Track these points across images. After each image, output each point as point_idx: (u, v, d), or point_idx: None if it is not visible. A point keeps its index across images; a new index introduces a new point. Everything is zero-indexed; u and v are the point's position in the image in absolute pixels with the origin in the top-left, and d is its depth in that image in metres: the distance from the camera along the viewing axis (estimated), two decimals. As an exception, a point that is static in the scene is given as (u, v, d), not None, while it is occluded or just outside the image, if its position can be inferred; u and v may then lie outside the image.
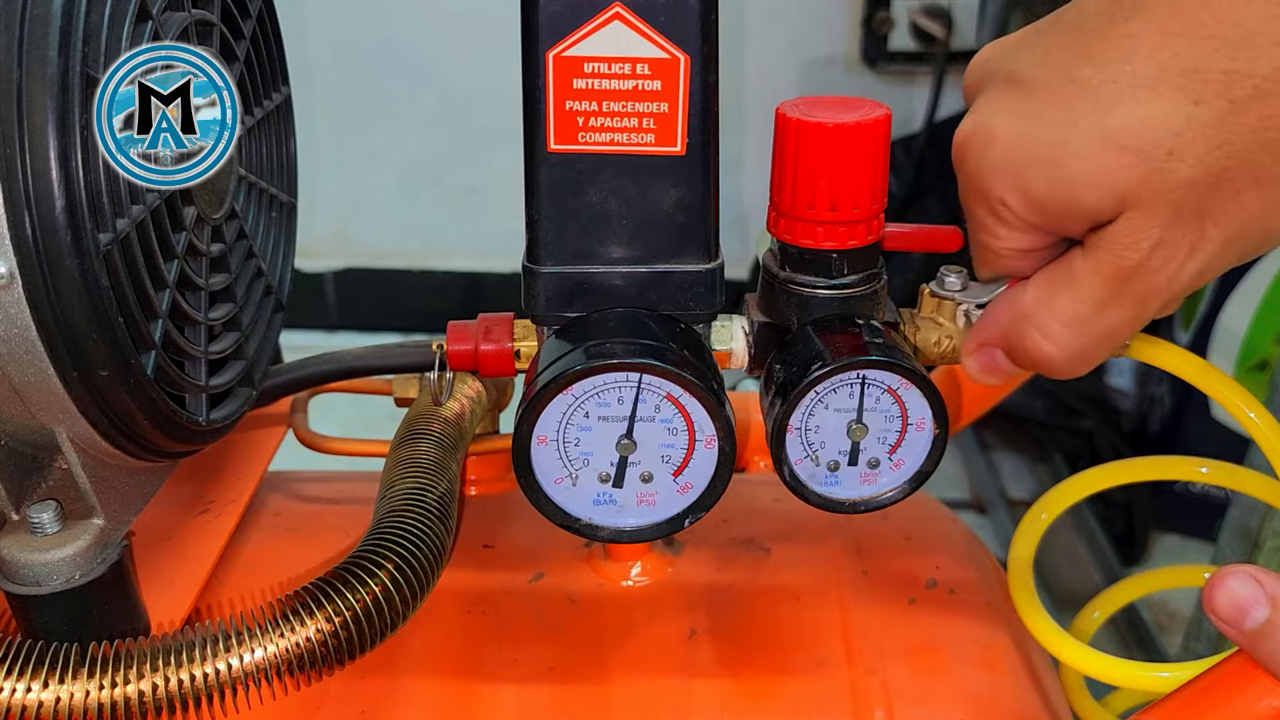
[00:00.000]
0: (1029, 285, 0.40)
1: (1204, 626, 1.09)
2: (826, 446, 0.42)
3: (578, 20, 0.38)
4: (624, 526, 0.42)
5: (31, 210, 0.35)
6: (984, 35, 1.85)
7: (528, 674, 0.48)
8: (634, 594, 0.52)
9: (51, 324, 0.37)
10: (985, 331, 0.42)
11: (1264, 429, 0.44)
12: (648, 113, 0.39)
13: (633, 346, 0.40)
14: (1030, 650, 0.51)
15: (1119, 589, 0.59)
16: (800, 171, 0.40)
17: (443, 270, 2.22)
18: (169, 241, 0.42)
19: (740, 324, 0.44)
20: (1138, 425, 1.57)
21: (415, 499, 0.46)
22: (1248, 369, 1.38)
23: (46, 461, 0.43)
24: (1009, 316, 0.40)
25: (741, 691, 0.47)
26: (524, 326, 0.45)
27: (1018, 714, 0.48)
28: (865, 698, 0.46)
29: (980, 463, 1.65)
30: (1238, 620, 0.36)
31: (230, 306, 0.48)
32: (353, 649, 0.41)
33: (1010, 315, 0.40)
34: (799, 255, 0.42)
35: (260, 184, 0.53)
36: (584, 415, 0.40)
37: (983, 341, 0.42)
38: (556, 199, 0.41)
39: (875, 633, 0.50)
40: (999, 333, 0.41)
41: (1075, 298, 0.38)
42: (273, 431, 0.60)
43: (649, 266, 0.42)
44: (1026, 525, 0.52)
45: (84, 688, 0.38)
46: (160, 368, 0.41)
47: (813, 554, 0.54)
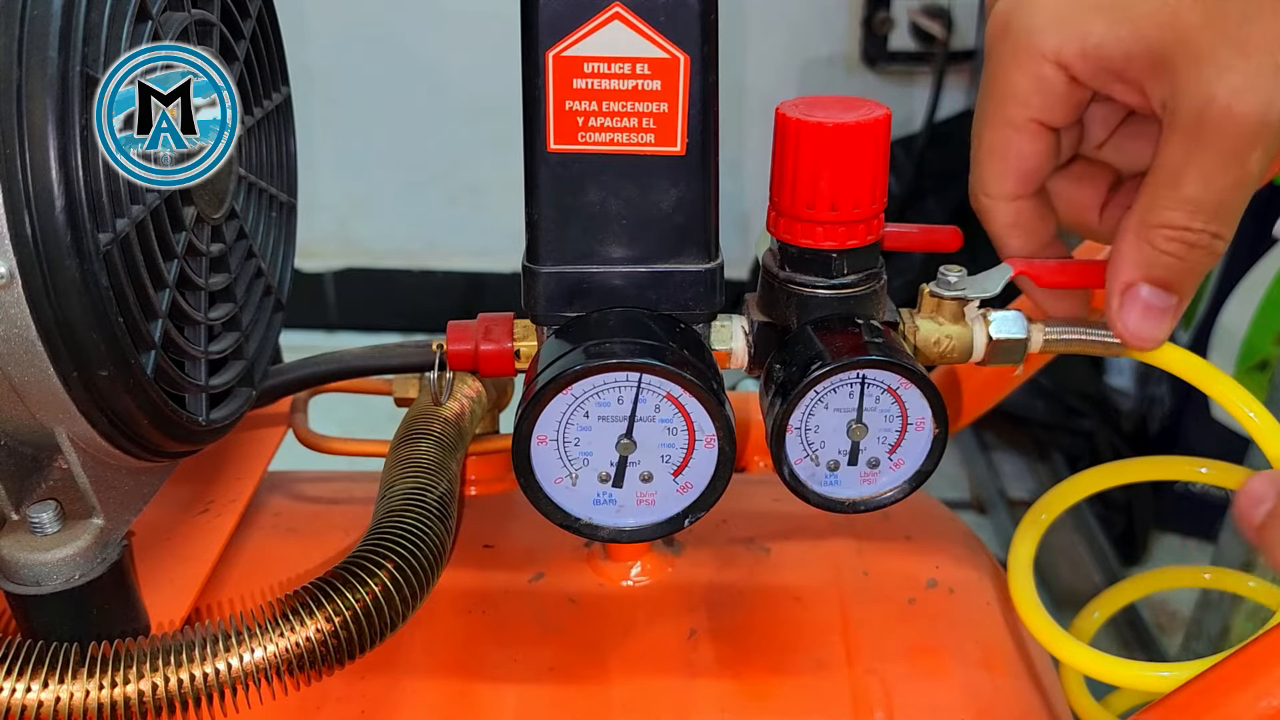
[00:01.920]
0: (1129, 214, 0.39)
1: (1204, 626, 1.09)
2: (826, 446, 0.42)
3: (577, 20, 0.38)
4: (624, 526, 0.42)
5: (31, 210, 0.35)
6: (983, 35, 1.85)
7: (528, 674, 0.48)
8: (634, 594, 0.52)
9: (51, 324, 0.37)
10: (1120, 274, 0.40)
11: (1264, 429, 0.44)
12: (647, 113, 0.39)
13: (633, 346, 0.40)
14: (1030, 650, 0.51)
15: (1119, 589, 0.59)
16: (800, 171, 0.40)
17: (443, 270, 2.22)
18: (169, 241, 0.42)
19: (740, 324, 0.44)
20: (1138, 425, 1.57)
21: (415, 499, 0.46)
22: (1248, 369, 1.38)
23: (46, 461, 0.43)
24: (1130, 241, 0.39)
25: (741, 691, 0.47)
26: (524, 326, 0.45)
27: (1018, 714, 0.48)
28: (865, 698, 0.46)
29: (980, 463, 1.65)
30: (1250, 513, 0.36)
31: (230, 306, 0.48)
32: (353, 649, 0.41)
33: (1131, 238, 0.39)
34: (799, 255, 0.42)
35: (260, 184, 0.53)
36: (584, 415, 0.40)
37: (1125, 283, 0.40)
38: (556, 199, 0.41)
39: (875, 633, 0.50)
40: (1133, 260, 0.39)
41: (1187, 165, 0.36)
42: (273, 431, 0.60)
43: (649, 266, 0.42)
44: (1026, 525, 0.52)
45: (84, 688, 0.38)
46: (160, 368, 0.41)
47: (813, 554, 0.54)
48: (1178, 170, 0.37)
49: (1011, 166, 0.42)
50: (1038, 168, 0.42)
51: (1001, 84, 0.40)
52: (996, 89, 0.41)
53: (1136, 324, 0.40)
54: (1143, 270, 0.39)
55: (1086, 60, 0.38)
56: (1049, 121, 0.41)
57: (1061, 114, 0.41)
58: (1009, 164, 0.42)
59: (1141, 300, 0.40)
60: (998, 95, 0.41)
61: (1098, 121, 0.44)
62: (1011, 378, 0.61)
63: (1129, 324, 0.40)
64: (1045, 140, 0.42)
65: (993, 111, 0.41)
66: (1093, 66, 0.38)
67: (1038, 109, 0.40)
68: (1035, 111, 0.40)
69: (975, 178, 0.43)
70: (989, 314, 0.45)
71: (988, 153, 0.42)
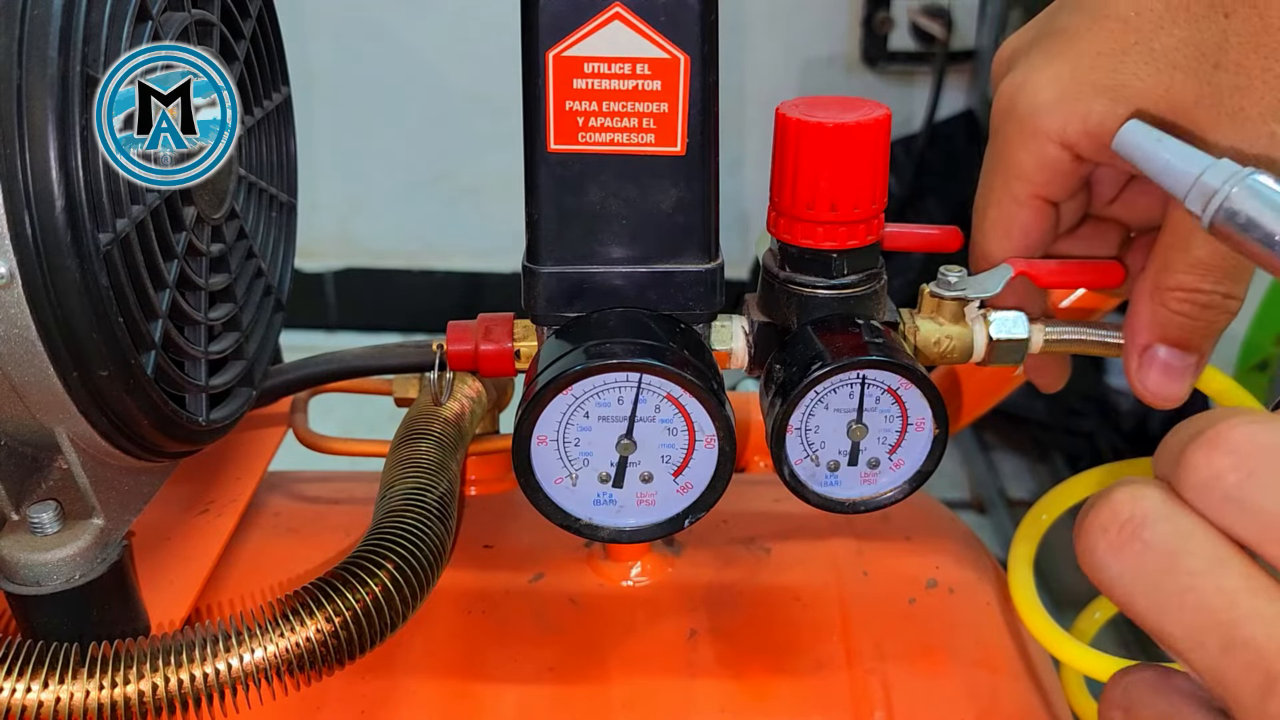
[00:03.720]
0: (1143, 276, 0.40)
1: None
2: (826, 446, 0.42)
3: (578, 20, 0.38)
4: (624, 526, 0.42)
5: (31, 210, 0.35)
6: (984, 35, 1.86)
7: (528, 674, 0.48)
8: (634, 594, 0.52)
9: (51, 324, 0.37)
10: (1137, 336, 0.41)
11: (1264, 429, 0.44)
12: (648, 113, 0.39)
13: (633, 346, 0.40)
14: (1030, 650, 0.51)
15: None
16: (800, 171, 0.40)
17: (443, 270, 2.23)
18: (169, 241, 0.42)
19: (740, 324, 0.44)
20: (1138, 425, 1.57)
21: (415, 499, 0.46)
22: (1248, 369, 1.39)
23: (46, 461, 0.43)
24: (1145, 303, 0.40)
25: (741, 691, 0.47)
26: (524, 326, 0.45)
27: (1018, 714, 0.48)
28: (865, 698, 0.46)
29: (980, 463, 1.65)
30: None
31: (230, 306, 0.48)
32: (353, 649, 0.41)
33: (1146, 300, 0.39)
34: (799, 255, 0.42)
35: (260, 184, 0.53)
36: (584, 415, 0.40)
37: (1143, 345, 0.41)
38: (556, 199, 0.41)
39: (875, 633, 0.50)
40: (1148, 322, 0.40)
41: (1195, 229, 0.36)
42: (273, 431, 0.60)
43: (649, 267, 0.42)
44: (1027, 525, 0.52)
45: (84, 688, 0.38)
46: (160, 368, 0.41)
47: (813, 554, 0.54)
48: (1187, 234, 0.38)
49: (1016, 240, 0.43)
50: (1040, 240, 0.44)
51: (1006, 161, 0.42)
52: (1001, 166, 0.42)
53: (1157, 384, 0.41)
54: (1159, 331, 0.40)
55: (1090, 139, 0.39)
56: (1052, 197, 0.42)
57: (1064, 189, 0.42)
58: (1013, 238, 0.43)
59: (1159, 361, 0.41)
60: (1003, 172, 0.42)
61: (1106, 181, 0.45)
62: (1011, 378, 0.61)
63: (1149, 384, 0.41)
64: (1048, 215, 0.43)
65: (999, 187, 0.42)
66: (1095, 144, 0.39)
67: (1042, 185, 0.41)
68: (1039, 188, 0.41)
69: (977, 244, 0.45)
70: (989, 314, 0.45)
71: (991, 226, 0.43)
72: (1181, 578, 0.25)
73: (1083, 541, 0.27)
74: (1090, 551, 0.27)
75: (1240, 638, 0.24)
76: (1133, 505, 0.26)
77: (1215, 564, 0.25)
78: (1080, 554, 0.27)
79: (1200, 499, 0.25)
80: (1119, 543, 0.26)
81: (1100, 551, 0.26)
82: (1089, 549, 0.27)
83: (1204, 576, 0.25)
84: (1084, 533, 0.27)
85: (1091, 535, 0.27)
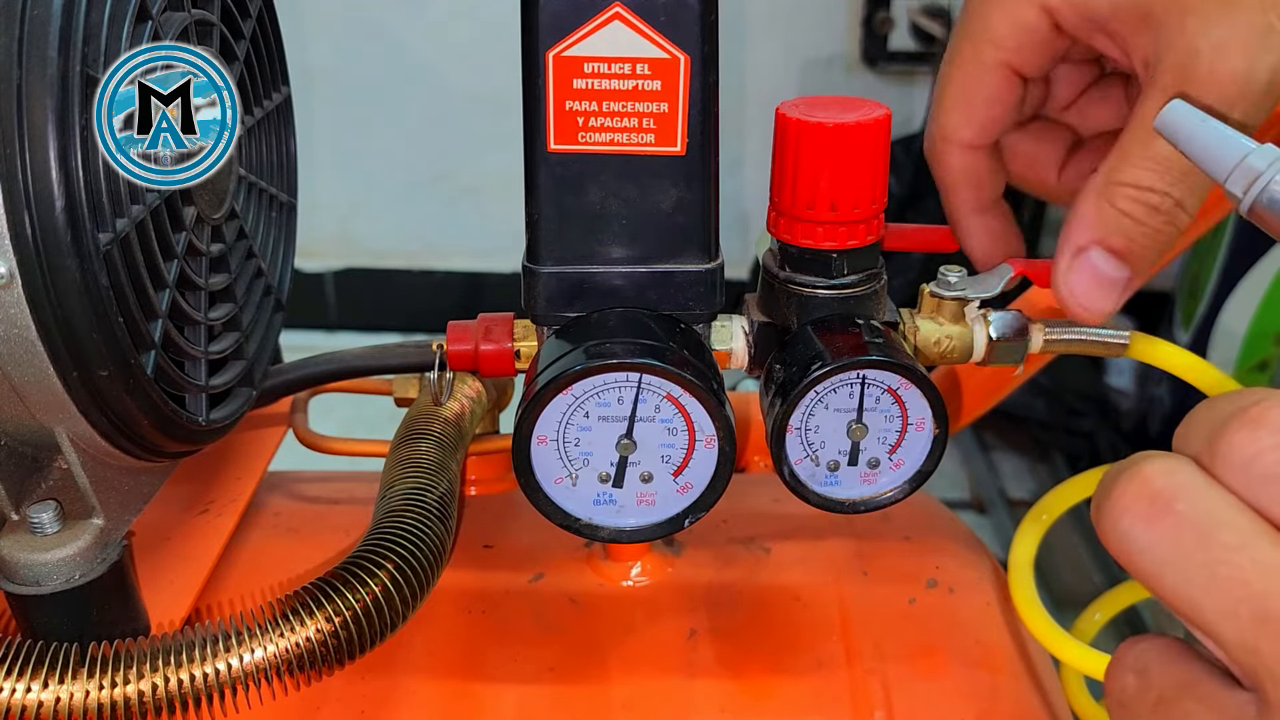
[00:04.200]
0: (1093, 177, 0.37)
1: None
2: (826, 446, 0.42)
3: (578, 20, 0.38)
4: (624, 526, 0.42)
5: (31, 210, 0.35)
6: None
7: (528, 674, 0.48)
8: (634, 594, 0.52)
9: (51, 324, 0.37)
10: (1074, 235, 0.38)
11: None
12: (648, 113, 0.39)
13: (633, 346, 0.40)
14: (1030, 650, 0.51)
15: (1122, 590, 0.59)
16: (800, 172, 0.40)
17: (443, 270, 2.23)
18: (169, 241, 0.42)
19: (740, 324, 0.44)
20: (1138, 425, 1.57)
21: (415, 499, 0.46)
22: (1248, 369, 1.39)
23: (46, 461, 0.43)
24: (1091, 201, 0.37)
25: (741, 691, 0.47)
26: (524, 326, 0.45)
27: (1018, 714, 0.48)
28: (865, 698, 0.46)
29: (980, 463, 1.65)
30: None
31: (230, 306, 0.48)
32: (353, 649, 0.41)
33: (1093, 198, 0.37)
34: (799, 255, 0.42)
35: (260, 184, 0.53)
36: (584, 415, 0.40)
37: (1078, 245, 0.38)
38: (556, 199, 0.41)
39: (875, 633, 0.50)
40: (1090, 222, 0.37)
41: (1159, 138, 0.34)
42: (273, 431, 0.60)
43: (649, 267, 0.42)
44: (1027, 525, 0.52)
45: (84, 688, 0.38)
46: (160, 368, 0.41)
47: (813, 554, 0.54)
48: (1149, 134, 0.36)
49: (977, 110, 0.41)
50: (1001, 116, 0.42)
51: (980, 24, 0.40)
52: (974, 29, 0.40)
53: (1084, 290, 0.38)
54: (1099, 232, 0.38)
55: (1073, 8, 0.37)
56: (1021, 68, 0.40)
57: (1035, 62, 0.40)
58: (974, 108, 0.41)
59: (1092, 265, 0.38)
60: (974, 35, 0.40)
61: (1065, 83, 0.43)
62: (1011, 378, 0.61)
63: (1075, 289, 0.38)
64: (1013, 88, 0.41)
65: (967, 51, 0.40)
66: (1078, 15, 0.37)
67: (1012, 52, 0.39)
68: (1010, 55, 0.39)
69: (936, 120, 0.43)
70: (989, 314, 0.45)
71: (955, 93, 0.41)
72: (1215, 551, 0.25)
73: (1109, 513, 0.26)
74: (1116, 523, 0.26)
75: (1277, 610, 0.24)
76: (1166, 479, 0.26)
77: (1251, 538, 0.25)
78: (1104, 526, 0.27)
79: (1238, 476, 0.25)
80: (1150, 515, 0.26)
81: (1128, 523, 0.26)
82: (1115, 520, 0.26)
83: (1239, 551, 0.25)
84: (1110, 504, 0.26)
85: (1119, 507, 0.26)
